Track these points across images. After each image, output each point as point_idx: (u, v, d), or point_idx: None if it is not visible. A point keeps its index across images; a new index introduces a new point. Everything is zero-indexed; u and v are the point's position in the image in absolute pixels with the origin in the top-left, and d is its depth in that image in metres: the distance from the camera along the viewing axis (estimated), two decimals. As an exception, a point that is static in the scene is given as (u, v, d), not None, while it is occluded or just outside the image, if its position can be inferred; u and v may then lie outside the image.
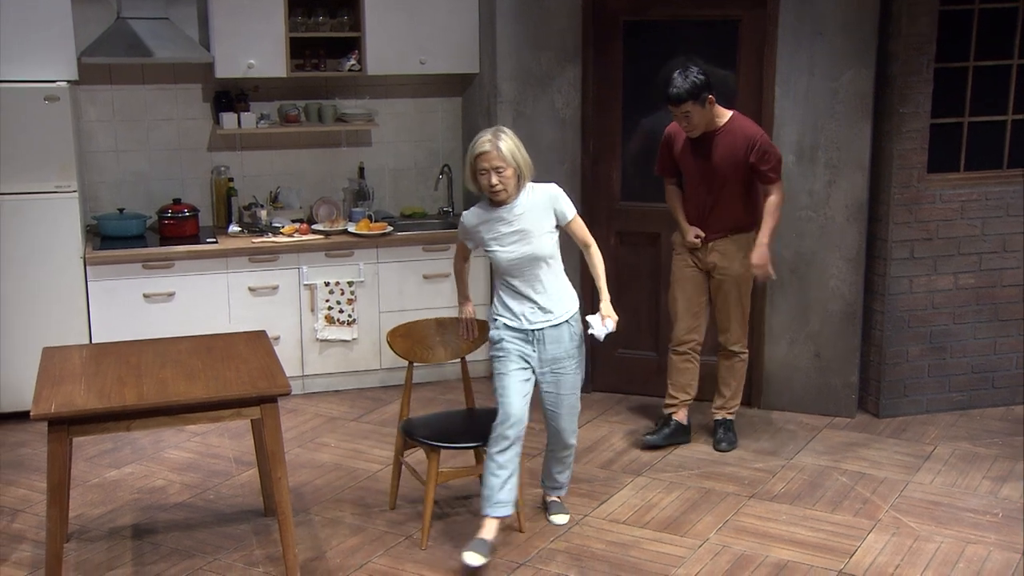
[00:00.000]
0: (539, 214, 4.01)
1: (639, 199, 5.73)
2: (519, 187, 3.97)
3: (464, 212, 4.13)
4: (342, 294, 5.81)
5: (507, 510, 3.99)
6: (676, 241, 5.14)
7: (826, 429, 5.40)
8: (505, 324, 4.07)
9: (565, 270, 4.15)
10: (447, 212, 6.43)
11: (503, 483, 3.96)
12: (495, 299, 4.16)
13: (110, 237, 5.69)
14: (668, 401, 5.21)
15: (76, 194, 5.37)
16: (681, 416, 5.22)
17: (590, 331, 4.05)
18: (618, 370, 5.93)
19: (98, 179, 5.92)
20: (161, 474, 4.87)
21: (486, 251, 4.06)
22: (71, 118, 5.32)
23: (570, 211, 4.07)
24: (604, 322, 4.04)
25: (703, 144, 4.87)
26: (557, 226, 4.06)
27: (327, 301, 5.80)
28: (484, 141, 3.89)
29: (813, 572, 3.95)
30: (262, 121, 5.99)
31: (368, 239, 5.84)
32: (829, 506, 4.51)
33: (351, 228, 5.92)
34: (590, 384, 5.94)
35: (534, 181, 4.05)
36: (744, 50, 5.40)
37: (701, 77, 4.69)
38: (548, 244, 4.02)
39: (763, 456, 5.06)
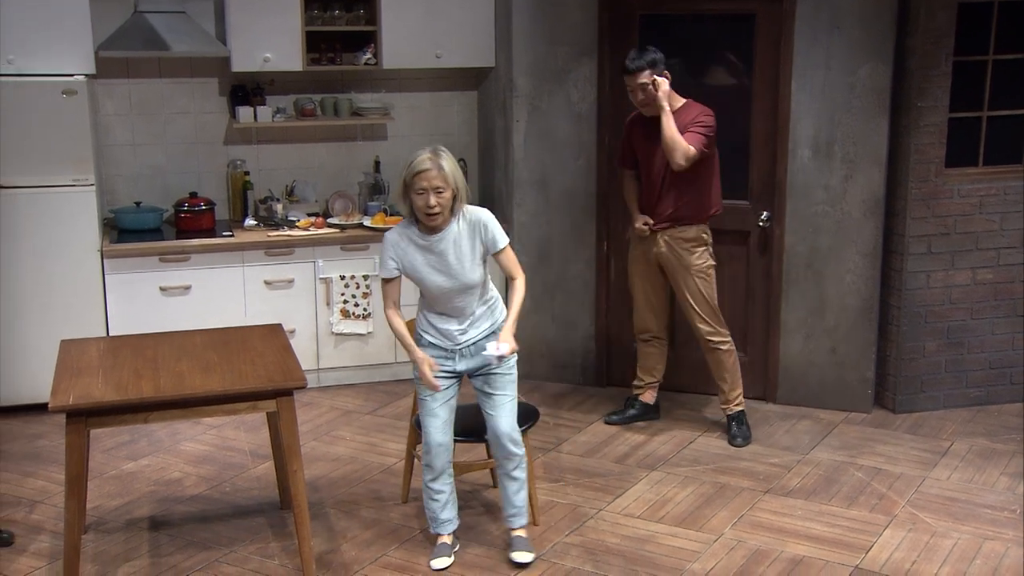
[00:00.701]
0: (467, 244, 3.81)
1: (655, 193, 5.72)
2: (454, 212, 3.78)
3: (388, 232, 3.92)
4: (357, 288, 5.82)
5: (453, 525, 4.03)
6: (631, 232, 5.20)
7: (842, 424, 5.38)
8: (430, 342, 3.93)
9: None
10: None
11: (443, 505, 4.00)
12: (419, 315, 3.99)
13: (127, 230, 5.71)
14: (635, 383, 5.43)
15: (93, 187, 5.39)
16: (647, 397, 5.40)
17: (483, 352, 3.87)
18: (633, 365, 5.90)
19: (115, 172, 5.94)
20: (177, 466, 4.89)
21: (409, 276, 3.87)
22: (88, 112, 5.34)
23: (501, 240, 3.84)
24: (498, 346, 3.80)
25: (656, 129, 4.85)
26: (486, 254, 3.86)
27: (342, 295, 5.81)
28: (424, 159, 3.70)
29: (829, 567, 3.94)
30: (278, 115, 6.00)
31: (384, 233, 5.83)
32: (845, 501, 4.50)
33: (367, 222, 5.93)
34: (604, 378, 5.94)
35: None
36: (760, 44, 5.38)
37: (659, 54, 4.82)
38: (476, 274, 3.83)
39: (778, 451, 5.04)
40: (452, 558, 3.98)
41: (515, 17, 5.68)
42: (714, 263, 5.08)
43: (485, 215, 3.86)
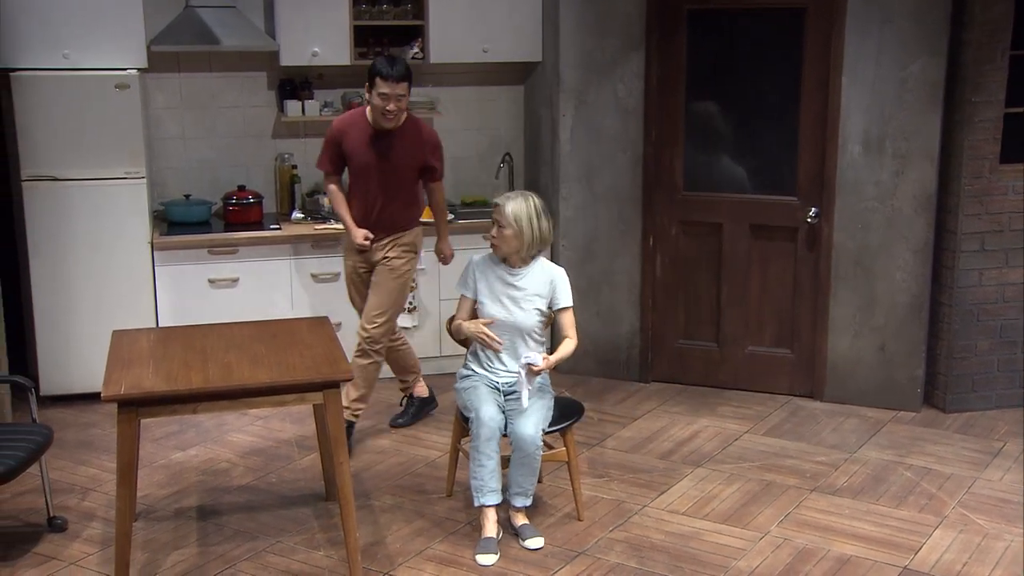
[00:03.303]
0: (536, 289, 4.15)
1: (702, 189, 5.69)
2: (521, 252, 4.11)
3: (475, 255, 4.30)
4: (403, 281, 5.84)
5: (498, 497, 4.03)
6: (344, 244, 5.05)
7: (890, 423, 5.31)
8: (473, 369, 4.24)
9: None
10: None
11: (492, 472, 3.99)
12: (471, 347, 4.28)
13: (176, 223, 5.78)
14: (400, 387, 5.35)
15: (144, 180, 5.46)
16: (419, 390, 5.35)
17: (521, 361, 4.03)
18: (678, 360, 5.89)
19: (165, 165, 6.01)
20: (225, 457, 4.95)
21: (476, 301, 4.21)
22: (140, 105, 5.41)
23: (565, 300, 4.17)
24: (530, 379, 4.01)
25: (383, 142, 4.74)
26: (549, 308, 4.18)
27: (388, 288, 5.83)
28: (504, 196, 4.16)
29: (877, 568, 3.90)
30: (325, 109, 6.03)
31: (429, 227, 5.85)
32: (894, 501, 4.44)
33: (412, 216, 5.94)
34: (649, 373, 5.92)
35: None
36: (810, 39, 5.32)
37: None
38: (531, 320, 4.15)
39: (825, 449, 4.99)
40: (498, 554, 3.98)
41: (563, 11, 5.67)
42: (420, 268, 5.09)
43: (560, 273, 4.21)
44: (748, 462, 4.85)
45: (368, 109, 4.81)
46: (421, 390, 5.37)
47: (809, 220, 5.46)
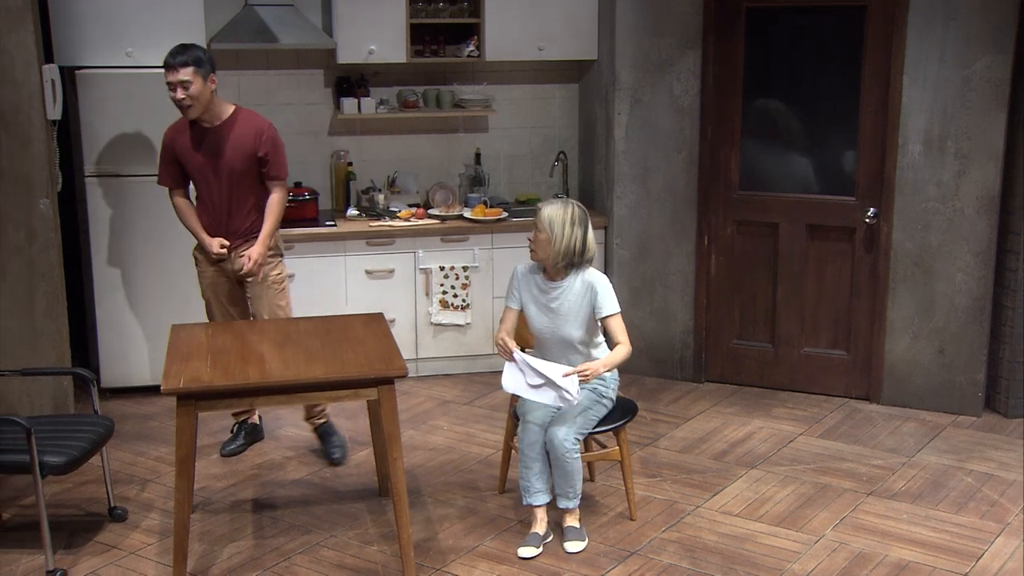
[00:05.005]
0: (577, 301, 4.02)
1: (758, 188, 5.64)
2: (555, 259, 3.98)
3: (518, 266, 4.20)
4: (456, 279, 5.87)
5: (546, 497, 4.02)
6: (198, 255, 4.77)
7: (950, 427, 5.22)
8: None
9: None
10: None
11: (537, 474, 4.00)
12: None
13: (234, 219, 5.84)
14: (234, 411, 4.94)
15: (203, 177, 5.53)
16: (253, 418, 5.04)
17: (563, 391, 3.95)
18: (732, 361, 5.84)
19: (224, 162, 6.08)
20: (279, 451, 5.00)
21: (523, 310, 4.14)
22: (200, 103, 5.48)
23: (609, 307, 4.02)
24: (568, 378, 3.93)
25: (210, 140, 4.54)
26: (594, 316, 4.04)
27: (441, 285, 5.86)
28: (545, 202, 4.08)
29: (937, 574, 3.83)
30: (381, 106, 6.07)
31: (483, 225, 5.88)
32: (953, 507, 4.37)
33: (467, 213, 5.96)
34: (703, 373, 5.87)
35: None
36: (871, 36, 5.24)
37: (206, 53, 4.51)
38: (576, 332, 4.04)
39: (882, 453, 4.92)
40: (541, 549, 3.98)
41: (619, 9, 5.65)
42: (289, 273, 4.83)
43: (600, 280, 4.05)
44: (803, 464, 4.80)
45: None
46: (255, 418, 5.08)
47: (867, 220, 5.39)
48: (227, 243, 4.63)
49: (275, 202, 4.63)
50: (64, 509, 4.38)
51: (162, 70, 4.49)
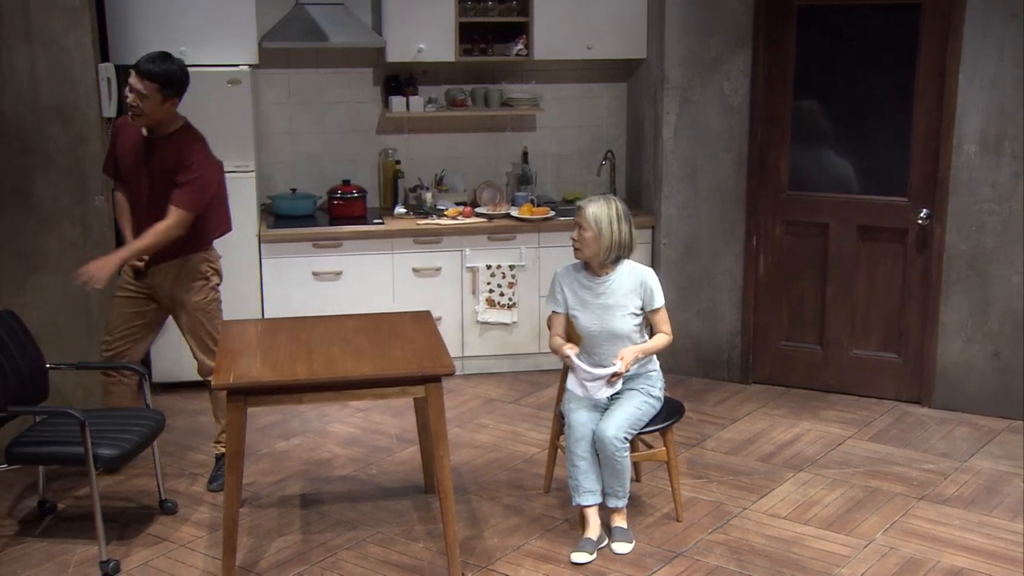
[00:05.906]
0: (625, 294, 4.04)
1: (808, 188, 5.58)
2: (599, 256, 4.00)
3: (560, 269, 4.20)
4: (503, 277, 5.87)
5: (596, 498, 4.01)
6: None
7: (1004, 432, 5.13)
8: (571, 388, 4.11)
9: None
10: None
11: (585, 473, 4.00)
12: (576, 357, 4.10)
13: (283, 216, 5.90)
14: (216, 440, 4.67)
15: (253, 174, 5.59)
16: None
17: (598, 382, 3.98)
18: (780, 362, 5.79)
19: (273, 160, 6.14)
20: (327, 447, 5.03)
21: (569, 314, 4.12)
22: (251, 101, 5.54)
23: (658, 300, 4.07)
24: (609, 381, 3.97)
25: (146, 148, 4.32)
26: (642, 310, 4.07)
27: (488, 284, 5.86)
28: (587, 199, 4.07)
29: (988, 582, 3.78)
30: (429, 105, 6.09)
31: (530, 223, 5.88)
32: (1008, 514, 4.29)
33: (514, 212, 5.96)
34: (750, 374, 5.83)
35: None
36: (926, 35, 5.17)
37: (181, 74, 4.25)
38: (626, 325, 4.04)
39: (934, 457, 4.85)
40: (595, 555, 3.96)
41: (668, 8, 5.62)
42: (218, 296, 4.52)
43: (648, 274, 4.09)
44: (852, 467, 4.74)
45: None
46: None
47: (920, 221, 5.31)
48: (145, 257, 4.36)
49: (160, 227, 4.22)
50: (116, 501, 4.44)
51: (213, 68, 4.50)
